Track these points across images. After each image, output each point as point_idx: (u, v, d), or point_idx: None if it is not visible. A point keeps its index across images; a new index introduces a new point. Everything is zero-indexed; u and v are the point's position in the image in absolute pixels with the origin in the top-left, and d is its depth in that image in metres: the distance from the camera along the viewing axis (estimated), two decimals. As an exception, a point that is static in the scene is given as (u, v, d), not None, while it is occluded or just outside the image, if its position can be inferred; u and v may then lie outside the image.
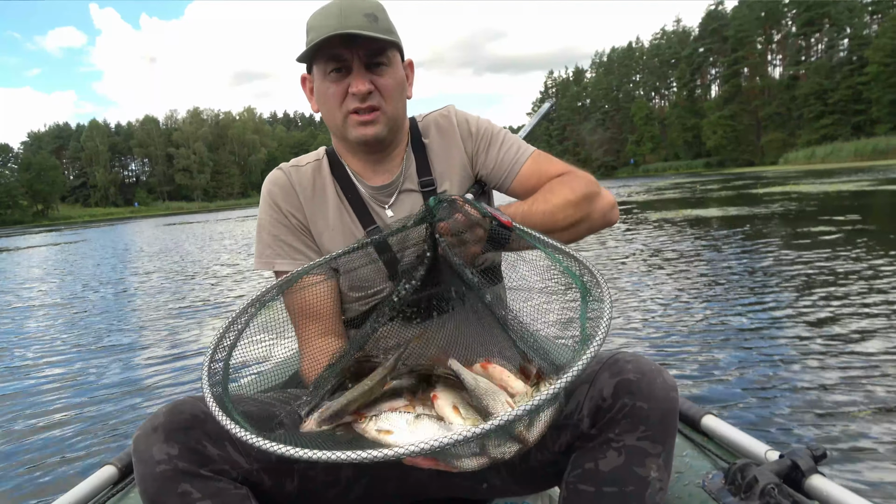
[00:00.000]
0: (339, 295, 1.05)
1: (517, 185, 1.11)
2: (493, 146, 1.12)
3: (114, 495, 1.16)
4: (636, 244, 8.22)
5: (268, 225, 1.08)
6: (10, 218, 74.18)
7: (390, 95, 1.00)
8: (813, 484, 0.98)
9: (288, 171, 1.10)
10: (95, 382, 3.87)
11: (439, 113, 1.15)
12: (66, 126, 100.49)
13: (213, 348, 0.78)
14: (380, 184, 1.08)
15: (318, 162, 1.11)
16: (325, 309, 1.01)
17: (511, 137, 1.15)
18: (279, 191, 1.09)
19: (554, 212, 0.99)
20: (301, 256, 1.07)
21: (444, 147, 1.12)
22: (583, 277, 0.76)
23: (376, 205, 1.08)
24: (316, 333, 1.00)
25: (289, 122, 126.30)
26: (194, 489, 0.75)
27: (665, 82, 78.13)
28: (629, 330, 3.96)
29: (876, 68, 47.46)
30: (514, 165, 1.11)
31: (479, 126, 1.14)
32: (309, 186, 1.09)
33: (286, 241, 1.07)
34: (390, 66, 1.00)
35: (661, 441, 0.79)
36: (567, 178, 1.06)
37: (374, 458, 0.54)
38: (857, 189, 15.20)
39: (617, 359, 0.82)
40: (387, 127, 1.02)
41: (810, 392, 2.69)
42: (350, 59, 0.96)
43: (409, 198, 1.09)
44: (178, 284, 8.33)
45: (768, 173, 35.05)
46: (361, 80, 0.96)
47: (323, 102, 1.02)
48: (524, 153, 1.12)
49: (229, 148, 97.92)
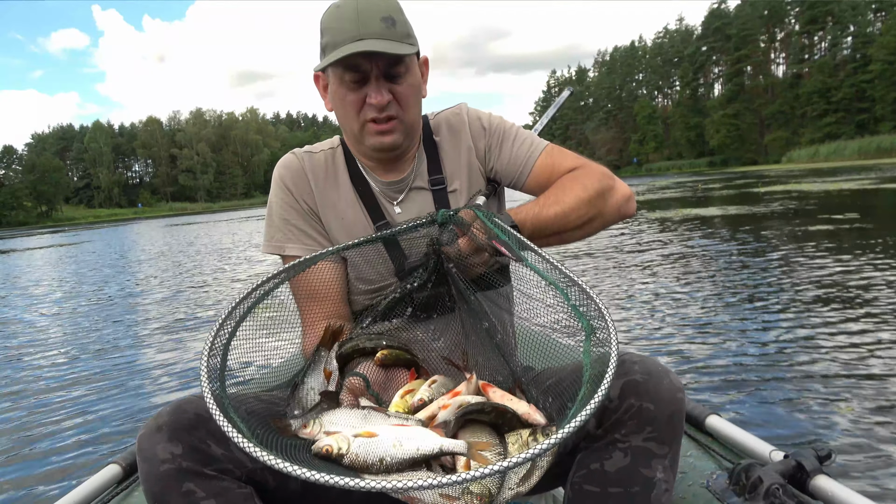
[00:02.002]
0: (346, 280, 1.04)
1: (531, 181, 1.10)
2: (507, 142, 1.11)
3: (118, 494, 1.16)
4: (638, 244, 8.20)
5: (278, 208, 1.07)
6: (14, 219, 74.52)
7: (408, 103, 1.00)
8: (818, 484, 0.98)
9: (301, 157, 1.09)
10: (100, 381, 3.88)
11: (451, 111, 1.14)
12: (69, 127, 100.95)
13: (212, 337, 0.75)
14: (390, 179, 1.08)
15: (332, 150, 1.10)
16: (331, 292, 1.01)
17: (524, 133, 1.13)
18: (291, 175, 1.08)
19: (567, 213, 0.98)
20: (311, 241, 1.06)
21: (455, 145, 1.11)
22: (590, 319, 0.73)
23: (386, 200, 1.08)
24: (321, 316, 0.99)
25: (292, 123, 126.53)
26: (198, 488, 0.75)
27: (668, 81, 77.92)
28: (633, 330, 3.96)
29: (879, 66, 47.30)
30: (528, 161, 1.09)
31: (491, 122, 1.13)
32: (322, 174, 1.08)
33: (297, 224, 1.06)
34: (408, 72, 0.98)
35: (667, 442, 0.78)
36: (579, 174, 1.05)
37: (370, 487, 0.54)
38: (858, 188, 15.14)
39: (623, 360, 0.81)
40: (404, 134, 1.02)
41: (815, 392, 2.68)
42: (368, 69, 0.94)
43: (419, 195, 1.08)
44: (185, 284, 8.35)
45: (771, 172, 34.94)
46: (380, 92, 0.95)
47: (339, 107, 1.01)
48: (537, 148, 1.10)
49: (232, 149, 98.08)
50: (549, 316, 0.84)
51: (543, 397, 0.80)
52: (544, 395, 0.81)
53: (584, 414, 0.58)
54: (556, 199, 0.99)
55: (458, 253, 0.89)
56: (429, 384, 0.84)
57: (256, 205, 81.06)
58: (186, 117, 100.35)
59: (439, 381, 0.85)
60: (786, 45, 64.33)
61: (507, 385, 0.86)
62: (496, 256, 0.88)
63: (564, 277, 0.78)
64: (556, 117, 1.78)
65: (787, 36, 63.67)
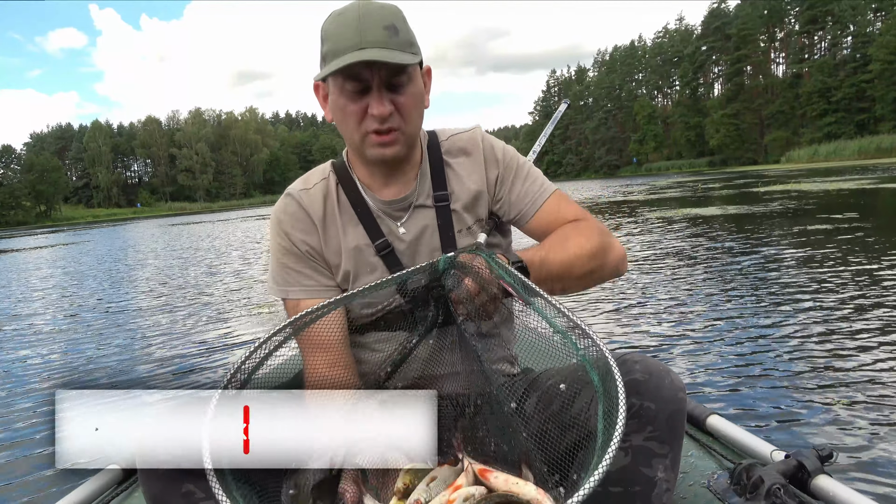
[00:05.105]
0: (345, 322, 1.02)
1: (535, 222, 1.08)
2: (519, 177, 1.10)
3: (118, 494, 1.16)
4: (639, 244, 8.20)
5: (278, 254, 1.07)
6: (13, 219, 74.45)
7: (409, 114, 0.98)
8: (819, 484, 0.98)
9: (298, 196, 1.07)
10: (99, 381, 3.88)
11: (467, 135, 1.12)
12: (68, 127, 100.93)
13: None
14: (391, 197, 1.06)
15: (325, 181, 1.08)
16: (334, 339, 0.99)
17: (535, 171, 1.12)
18: (289, 219, 1.06)
19: (571, 262, 0.97)
20: (312, 283, 1.05)
21: (465, 167, 1.09)
22: (604, 380, 0.69)
23: (387, 218, 1.06)
24: (324, 364, 0.98)
25: (291, 122, 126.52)
26: (198, 489, 0.74)
27: (668, 81, 77.86)
28: (635, 329, 3.95)
29: (879, 66, 47.30)
30: (537, 200, 1.08)
31: (505, 154, 1.11)
32: (320, 209, 1.06)
33: (294, 268, 1.06)
34: (410, 82, 0.96)
35: (668, 442, 0.78)
36: (583, 226, 1.04)
37: None
38: (858, 187, 15.14)
39: (625, 359, 0.81)
40: (405, 145, 1.01)
41: (816, 392, 2.68)
42: (370, 79, 0.92)
43: (422, 213, 1.07)
44: (185, 284, 8.35)
45: (771, 172, 34.95)
46: (381, 103, 0.93)
47: (340, 118, 0.99)
48: (547, 190, 1.09)
49: (231, 148, 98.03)
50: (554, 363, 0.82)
51: (550, 474, 0.73)
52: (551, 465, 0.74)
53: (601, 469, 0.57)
54: (562, 247, 0.98)
55: (467, 295, 0.84)
56: (426, 482, 0.78)
57: (256, 204, 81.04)
58: (185, 117, 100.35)
59: (439, 478, 0.79)
60: (786, 45, 64.32)
61: (513, 454, 0.79)
62: (505, 298, 0.84)
63: (574, 326, 0.75)
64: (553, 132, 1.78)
65: (787, 35, 63.66)
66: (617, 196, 22.57)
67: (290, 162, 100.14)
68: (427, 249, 1.05)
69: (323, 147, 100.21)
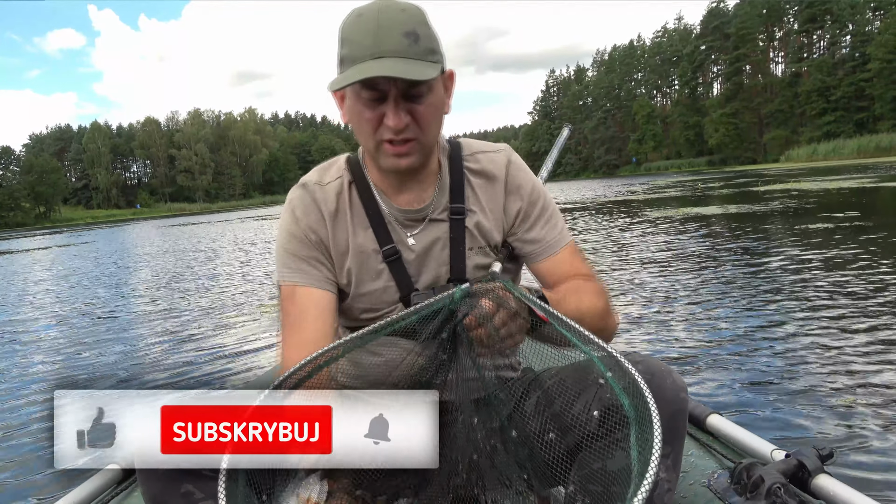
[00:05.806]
0: (335, 314, 1.02)
1: (544, 268, 1.07)
2: (541, 220, 1.07)
3: (117, 494, 1.16)
4: (639, 243, 8.20)
5: (284, 238, 1.05)
6: (12, 220, 74.38)
7: (427, 124, 0.94)
8: (819, 484, 0.98)
9: (312, 189, 1.06)
10: (99, 381, 3.87)
11: (495, 155, 1.08)
12: (67, 128, 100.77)
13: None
14: (406, 205, 1.04)
15: (340, 181, 1.07)
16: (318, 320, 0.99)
17: (558, 215, 1.10)
18: (302, 207, 1.05)
19: (583, 315, 0.93)
20: (312, 272, 1.03)
21: (484, 192, 1.07)
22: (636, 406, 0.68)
23: (399, 226, 1.05)
24: (300, 341, 0.96)
25: (290, 123, 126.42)
26: (197, 489, 0.75)
27: (667, 80, 77.90)
28: (636, 329, 3.96)
29: (878, 65, 47.37)
30: (554, 245, 1.07)
31: (533, 188, 1.08)
32: (333, 206, 1.05)
33: (298, 254, 1.04)
34: (430, 92, 0.92)
35: (669, 441, 0.78)
36: (593, 286, 1.03)
37: None
38: (858, 186, 15.15)
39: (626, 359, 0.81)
40: (422, 155, 0.98)
41: (817, 391, 2.68)
42: (387, 89, 0.89)
43: (436, 226, 1.05)
44: (186, 285, 8.34)
45: (770, 171, 34.97)
46: (398, 115, 0.90)
47: (356, 123, 0.97)
48: (564, 238, 1.08)
49: (231, 149, 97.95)
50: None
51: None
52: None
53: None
54: (576, 299, 0.96)
55: (484, 317, 0.80)
56: None
57: (255, 205, 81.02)
58: (184, 117, 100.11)
59: None
60: (784, 44, 64.37)
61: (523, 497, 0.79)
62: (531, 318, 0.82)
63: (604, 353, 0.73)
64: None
65: (786, 35, 63.71)
66: (619, 196, 22.60)
67: (290, 162, 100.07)
68: (436, 263, 1.03)
69: (322, 147, 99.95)
